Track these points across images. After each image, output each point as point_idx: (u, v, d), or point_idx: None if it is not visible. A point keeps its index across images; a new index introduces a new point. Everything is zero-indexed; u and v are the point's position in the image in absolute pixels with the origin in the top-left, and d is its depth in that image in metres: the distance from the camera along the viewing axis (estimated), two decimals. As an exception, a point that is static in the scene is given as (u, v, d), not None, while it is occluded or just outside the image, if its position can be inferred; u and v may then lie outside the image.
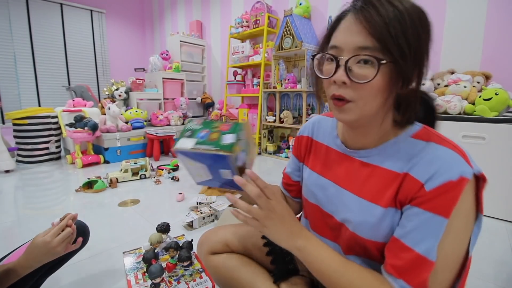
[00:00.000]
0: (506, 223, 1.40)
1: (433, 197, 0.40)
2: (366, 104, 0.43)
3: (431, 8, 1.99)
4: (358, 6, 0.41)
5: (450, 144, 0.44)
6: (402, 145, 0.47)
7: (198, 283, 0.61)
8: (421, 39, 0.40)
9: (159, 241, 0.74)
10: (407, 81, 0.41)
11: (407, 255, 0.41)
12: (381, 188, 0.47)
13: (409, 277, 0.41)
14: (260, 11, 3.03)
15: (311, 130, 0.64)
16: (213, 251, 0.77)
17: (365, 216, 0.48)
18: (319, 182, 0.58)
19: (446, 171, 0.40)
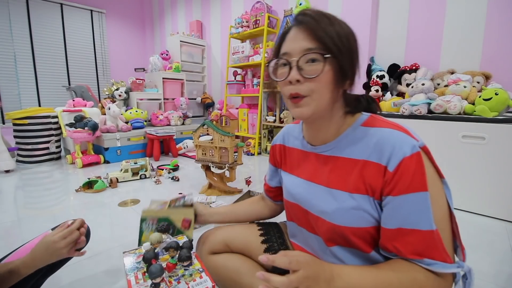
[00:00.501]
0: (506, 223, 1.40)
1: (401, 178, 0.46)
2: (319, 96, 0.50)
3: (431, 8, 2.00)
4: (299, 19, 0.50)
5: (393, 125, 0.51)
6: (355, 134, 0.53)
7: (198, 283, 0.61)
8: (351, 42, 0.49)
9: (159, 241, 0.74)
10: (346, 75, 0.50)
11: (416, 237, 0.45)
12: (344, 175, 0.53)
13: (430, 254, 0.45)
14: (260, 11, 3.03)
15: (283, 138, 0.71)
16: (213, 251, 0.78)
17: (336, 204, 0.53)
18: (296, 182, 0.63)
19: (399, 149, 0.46)
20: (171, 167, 2.41)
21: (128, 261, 0.70)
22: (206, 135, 1.82)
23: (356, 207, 0.50)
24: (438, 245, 0.45)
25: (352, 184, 0.51)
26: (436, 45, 2.00)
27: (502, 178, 1.39)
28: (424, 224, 0.45)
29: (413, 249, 0.46)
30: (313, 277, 0.45)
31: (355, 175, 0.51)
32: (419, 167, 0.45)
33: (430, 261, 0.45)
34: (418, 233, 0.45)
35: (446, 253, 0.45)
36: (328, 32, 0.47)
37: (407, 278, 0.45)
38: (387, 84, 2.11)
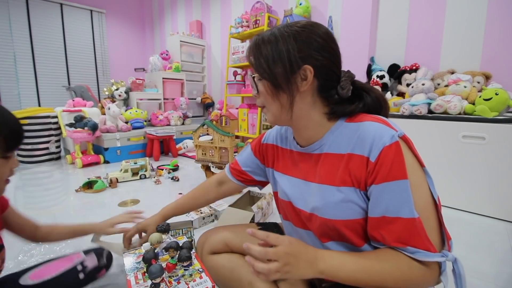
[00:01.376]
0: (506, 223, 1.39)
1: (382, 167, 0.48)
2: (270, 107, 0.59)
3: (431, 8, 2.00)
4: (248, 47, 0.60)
5: (373, 117, 0.54)
6: (340, 131, 0.56)
7: (198, 283, 0.61)
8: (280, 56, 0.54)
9: (159, 241, 0.74)
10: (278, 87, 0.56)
11: (398, 225, 0.47)
12: (332, 170, 0.56)
13: (413, 242, 0.46)
14: (260, 11, 3.03)
15: (275, 139, 0.74)
16: (213, 251, 0.78)
17: (326, 198, 0.56)
18: (290, 182, 0.66)
19: (379, 140, 0.49)
20: (171, 167, 2.41)
21: (128, 261, 0.70)
22: (206, 135, 1.82)
23: (345, 200, 0.53)
24: (420, 233, 0.46)
25: (339, 177, 0.54)
26: (436, 45, 2.00)
27: (502, 178, 1.39)
28: (405, 211, 0.47)
29: (397, 237, 0.47)
30: (293, 255, 0.48)
31: (342, 168, 0.54)
32: (398, 156, 0.47)
33: (413, 249, 0.46)
34: (400, 221, 0.47)
35: (428, 242, 0.46)
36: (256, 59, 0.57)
37: (390, 266, 0.47)
38: (387, 84, 2.11)
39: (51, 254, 1.09)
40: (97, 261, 0.79)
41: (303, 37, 0.53)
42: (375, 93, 0.59)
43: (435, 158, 1.59)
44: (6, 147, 0.58)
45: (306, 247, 0.51)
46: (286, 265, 0.47)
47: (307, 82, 0.54)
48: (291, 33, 0.54)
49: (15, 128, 0.60)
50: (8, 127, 0.58)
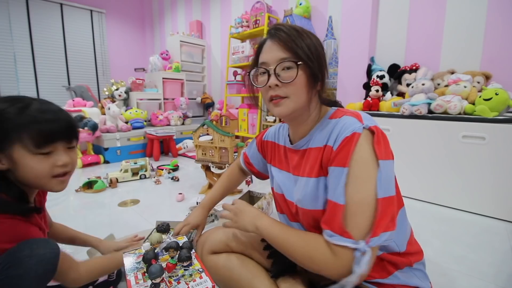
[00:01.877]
0: (506, 223, 1.39)
1: (336, 154, 0.53)
2: (297, 98, 0.58)
3: (431, 8, 2.00)
4: (272, 33, 0.59)
5: (349, 112, 0.58)
6: (323, 127, 0.60)
7: (198, 283, 0.61)
8: (318, 50, 0.58)
9: (159, 241, 0.74)
10: (317, 78, 0.58)
11: (329, 206, 0.53)
12: (313, 163, 0.60)
13: (331, 225, 0.51)
14: (260, 11, 3.03)
15: (274, 136, 0.79)
16: (213, 251, 0.78)
17: (304, 190, 0.60)
18: (283, 175, 0.71)
19: (344, 131, 0.53)
20: (171, 167, 2.41)
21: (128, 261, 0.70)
22: (206, 135, 1.82)
23: (317, 190, 0.58)
24: (338, 219, 0.50)
25: (316, 169, 0.59)
26: (436, 45, 2.00)
27: (502, 178, 1.39)
28: (333, 195, 0.52)
29: (325, 218, 0.53)
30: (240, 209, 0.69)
31: (319, 160, 0.58)
32: (348, 145, 0.51)
33: (330, 232, 0.51)
34: (330, 203, 0.53)
35: (343, 228, 0.49)
36: (298, 43, 0.56)
37: (302, 241, 0.55)
38: (387, 84, 2.11)
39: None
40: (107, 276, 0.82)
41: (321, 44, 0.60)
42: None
43: (435, 158, 1.59)
44: (40, 142, 0.56)
45: (252, 208, 0.68)
46: (234, 215, 0.69)
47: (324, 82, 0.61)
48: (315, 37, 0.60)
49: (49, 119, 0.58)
50: (42, 119, 0.57)
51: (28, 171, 0.57)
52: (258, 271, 0.71)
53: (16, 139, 0.55)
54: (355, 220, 0.49)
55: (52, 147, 0.59)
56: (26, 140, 0.55)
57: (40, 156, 0.57)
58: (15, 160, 0.55)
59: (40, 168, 0.57)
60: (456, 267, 1.02)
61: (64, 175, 0.62)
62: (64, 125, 0.61)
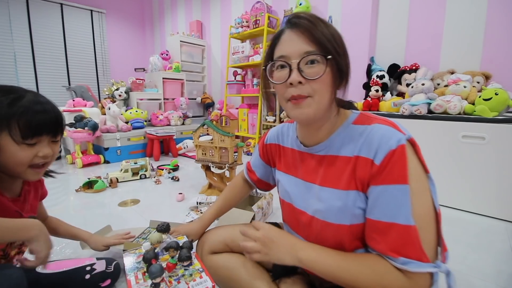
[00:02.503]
0: (506, 223, 1.39)
1: (384, 170, 0.46)
2: (321, 97, 0.50)
3: (431, 8, 2.00)
4: (293, 22, 0.50)
5: (381, 120, 0.52)
6: (347, 133, 0.54)
7: (198, 283, 0.61)
8: (343, 45, 0.51)
9: (159, 241, 0.74)
10: (343, 75, 0.51)
11: (394, 231, 0.45)
12: (339, 173, 0.54)
13: (404, 251, 0.44)
14: (260, 11, 3.03)
15: (277, 138, 0.72)
16: (213, 251, 0.78)
17: (330, 202, 0.53)
18: (292, 181, 0.64)
19: (385, 143, 0.47)
20: (171, 167, 2.41)
21: (128, 261, 0.70)
22: (206, 135, 1.82)
23: (349, 205, 0.51)
24: (414, 242, 0.44)
25: (345, 181, 0.52)
26: (436, 45, 2.00)
27: (502, 178, 1.39)
28: (401, 218, 0.45)
29: (391, 245, 0.45)
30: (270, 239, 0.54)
31: (348, 171, 0.52)
32: (402, 160, 0.46)
33: (405, 259, 0.44)
34: (395, 227, 0.45)
35: (422, 251, 0.44)
36: (325, 34, 0.48)
37: (367, 269, 0.47)
38: (387, 84, 2.11)
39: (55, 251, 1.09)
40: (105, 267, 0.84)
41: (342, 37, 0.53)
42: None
43: (435, 158, 1.59)
44: (26, 133, 0.59)
45: (286, 234, 0.56)
46: (264, 247, 0.54)
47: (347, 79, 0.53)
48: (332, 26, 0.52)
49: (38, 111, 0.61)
50: (31, 111, 0.60)
51: (9, 158, 0.59)
52: (258, 271, 0.71)
53: (5, 128, 0.57)
54: (427, 238, 0.45)
55: (37, 139, 0.62)
56: (14, 130, 0.58)
57: (24, 146, 0.60)
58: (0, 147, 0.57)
59: (22, 156, 0.60)
60: (456, 267, 1.02)
61: (41, 167, 0.65)
62: (52, 119, 0.64)
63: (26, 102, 0.60)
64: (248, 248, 0.55)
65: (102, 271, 0.83)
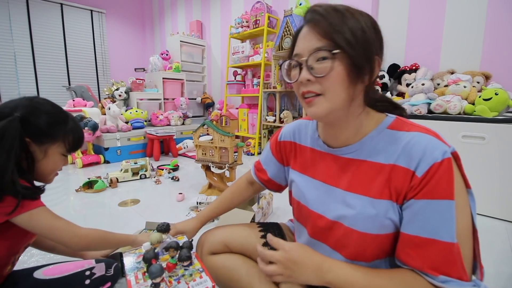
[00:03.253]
0: (506, 223, 1.39)
1: (428, 183, 0.43)
2: (333, 95, 0.46)
3: (431, 8, 2.00)
4: (307, 17, 0.48)
5: (423, 128, 0.47)
6: (381, 137, 0.50)
7: (198, 283, 0.61)
8: (367, 34, 0.45)
9: (159, 241, 0.74)
10: (361, 70, 0.45)
11: (435, 248, 0.42)
12: (370, 180, 0.50)
13: (447, 270, 0.42)
14: (260, 11, 3.03)
15: (293, 135, 0.68)
16: (212, 252, 0.78)
17: (360, 209, 0.50)
18: (309, 183, 0.60)
19: (430, 154, 0.43)
20: (171, 167, 2.41)
21: (128, 261, 0.70)
22: (206, 135, 1.82)
23: (380, 214, 0.48)
24: (456, 260, 0.42)
25: (376, 189, 0.49)
26: (436, 45, 2.00)
27: (502, 178, 1.39)
28: (445, 235, 0.42)
29: (430, 262, 0.43)
30: (293, 261, 0.49)
31: (381, 180, 0.48)
32: (448, 174, 0.42)
33: (445, 278, 0.41)
34: (437, 244, 0.42)
35: (463, 270, 0.42)
36: (336, 27, 0.44)
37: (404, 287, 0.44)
38: (387, 84, 2.11)
39: (50, 254, 1.09)
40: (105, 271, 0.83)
41: (375, 24, 0.48)
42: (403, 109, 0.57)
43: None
44: (69, 147, 0.71)
45: (311, 254, 0.50)
46: (286, 269, 0.49)
47: (372, 75, 0.48)
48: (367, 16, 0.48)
49: (82, 135, 0.75)
50: (78, 133, 0.73)
51: (50, 166, 0.69)
52: (258, 272, 0.71)
53: (61, 140, 0.69)
54: (465, 254, 0.43)
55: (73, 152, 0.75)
56: (65, 143, 0.70)
57: (62, 157, 0.72)
58: (47, 155, 0.67)
59: (58, 165, 0.72)
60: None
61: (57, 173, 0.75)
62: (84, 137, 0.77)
63: (74, 122, 0.72)
64: (270, 272, 0.50)
65: (102, 275, 0.82)
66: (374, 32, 0.47)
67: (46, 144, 0.67)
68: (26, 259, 1.07)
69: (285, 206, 1.50)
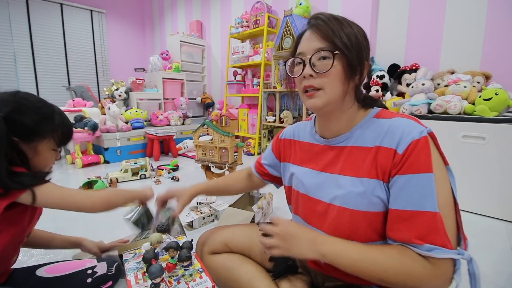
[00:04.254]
0: (506, 223, 1.39)
1: (408, 159, 0.48)
2: (331, 89, 0.55)
3: (431, 8, 2.00)
4: (312, 22, 0.57)
5: (402, 115, 0.56)
6: (368, 125, 0.57)
7: (198, 283, 0.61)
8: (359, 40, 0.54)
9: (159, 241, 0.74)
10: (354, 70, 0.54)
11: (420, 219, 0.46)
12: (358, 162, 0.56)
13: (431, 238, 0.45)
14: (260, 11, 3.03)
15: (292, 134, 0.75)
16: (213, 251, 0.78)
17: (349, 188, 0.55)
18: (308, 173, 0.66)
19: (408, 133, 0.50)
20: (171, 167, 2.41)
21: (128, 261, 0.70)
22: (206, 135, 1.82)
23: (368, 191, 0.53)
24: (439, 229, 0.45)
25: (365, 169, 0.54)
26: (436, 45, 2.00)
27: (502, 178, 1.39)
28: (427, 205, 0.46)
29: (416, 232, 0.46)
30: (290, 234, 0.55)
31: (369, 161, 0.54)
32: (425, 149, 0.48)
33: (430, 246, 0.45)
34: (421, 214, 0.46)
35: (447, 238, 0.46)
36: (336, 32, 0.53)
37: (394, 259, 0.47)
38: (387, 84, 2.11)
39: (51, 254, 1.10)
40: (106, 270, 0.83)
41: (365, 35, 0.57)
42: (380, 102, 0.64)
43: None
44: (59, 142, 0.71)
45: (305, 228, 0.56)
46: (283, 242, 0.55)
47: (362, 76, 0.57)
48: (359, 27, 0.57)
49: (70, 128, 0.74)
50: (66, 126, 0.72)
51: (42, 161, 0.69)
52: (258, 271, 0.71)
53: (50, 136, 0.68)
54: (448, 225, 0.47)
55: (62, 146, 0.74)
56: (54, 139, 0.69)
57: (53, 152, 0.71)
58: (38, 151, 0.67)
59: (50, 160, 0.72)
60: (456, 267, 1.02)
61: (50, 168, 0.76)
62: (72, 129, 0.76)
63: (60, 116, 0.71)
64: (267, 244, 0.56)
65: (104, 274, 0.82)
66: (364, 40, 0.56)
67: (35, 142, 0.65)
68: (26, 259, 1.07)
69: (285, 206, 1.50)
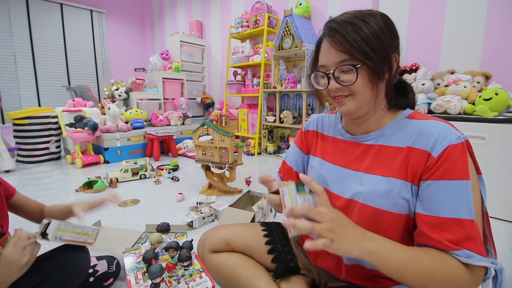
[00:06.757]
0: (506, 223, 1.39)
1: (444, 164, 0.46)
2: (361, 95, 0.53)
3: (431, 8, 2.00)
4: (326, 33, 0.54)
5: (437, 118, 0.53)
6: (399, 125, 0.56)
7: (198, 283, 0.61)
8: (383, 41, 0.52)
9: (159, 241, 0.74)
10: (381, 74, 0.53)
11: (457, 226, 0.45)
12: (386, 162, 0.54)
13: (469, 245, 0.44)
14: (260, 11, 3.03)
15: (316, 125, 0.73)
16: (214, 250, 0.78)
17: (374, 186, 0.53)
18: (330, 168, 0.64)
19: (445, 137, 0.48)
20: (171, 167, 2.41)
21: (128, 261, 0.70)
22: (206, 135, 1.82)
23: (394, 191, 0.51)
24: (476, 236, 0.45)
25: (393, 169, 0.52)
26: (436, 45, 2.00)
27: (502, 178, 1.39)
28: (465, 213, 0.45)
29: (452, 238, 0.45)
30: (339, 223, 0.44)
31: (399, 161, 0.52)
32: (463, 156, 0.46)
33: (468, 252, 0.44)
34: (460, 222, 0.45)
35: (482, 246, 0.45)
36: (353, 42, 0.50)
37: (440, 262, 0.45)
38: (387, 84, 2.11)
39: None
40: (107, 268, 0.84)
41: (387, 22, 0.54)
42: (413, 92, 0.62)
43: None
44: None
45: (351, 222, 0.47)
46: (330, 231, 0.43)
47: (392, 70, 0.55)
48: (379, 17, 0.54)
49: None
50: None
51: None
52: (259, 271, 0.71)
53: None
54: None
55: None
56: None
57: None
58: None
59: None
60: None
61: None
62: None
63: None
64: (317, 230, 0.43)
65: (105, 272, 0.83)
66: (388, 31, 0.53)
67: None
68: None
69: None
